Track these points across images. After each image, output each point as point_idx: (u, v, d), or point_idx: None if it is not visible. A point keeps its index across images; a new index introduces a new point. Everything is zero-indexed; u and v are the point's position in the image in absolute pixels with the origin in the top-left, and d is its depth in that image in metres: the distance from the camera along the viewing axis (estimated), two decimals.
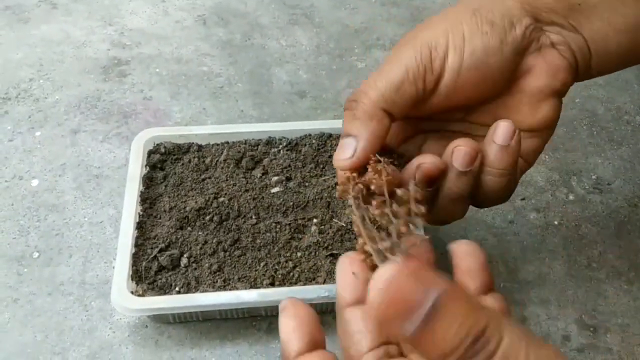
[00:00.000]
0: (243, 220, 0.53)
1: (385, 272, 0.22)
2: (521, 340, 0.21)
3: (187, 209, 0.53)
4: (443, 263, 0.30)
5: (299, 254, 0.51)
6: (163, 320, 0.50)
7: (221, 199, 0.55)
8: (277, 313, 0.50)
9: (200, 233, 0.52)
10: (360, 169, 0.35)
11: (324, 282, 0.49)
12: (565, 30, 0.37)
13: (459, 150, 0.35)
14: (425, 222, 0.30)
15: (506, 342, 0.21)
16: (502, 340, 0.20)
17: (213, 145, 0.60)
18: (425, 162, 0.35)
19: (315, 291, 0.47)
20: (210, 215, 0.53)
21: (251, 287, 0.49)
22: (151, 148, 0.59)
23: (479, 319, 0.21)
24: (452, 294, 0.21)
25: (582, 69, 0.38)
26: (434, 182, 0.36)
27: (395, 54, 0.36)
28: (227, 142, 0.60)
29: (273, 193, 0.56)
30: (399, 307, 0.21)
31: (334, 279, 0.32)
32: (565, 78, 0.37)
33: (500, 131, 0.35)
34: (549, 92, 0.37)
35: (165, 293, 0.49)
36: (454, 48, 0.35)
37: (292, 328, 0.27)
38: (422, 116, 0.38)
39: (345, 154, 0.35)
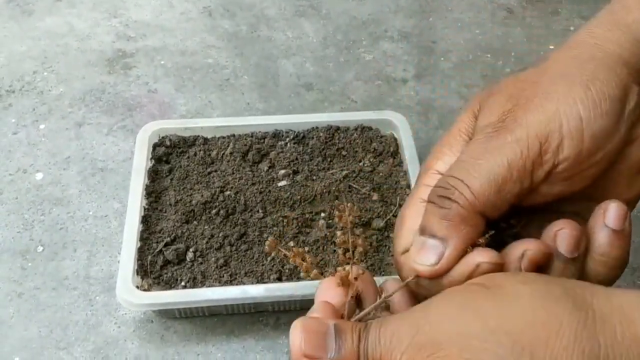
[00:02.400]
0: (250, 214, 0.53)
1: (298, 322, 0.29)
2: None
3: (193, 202, 0.53)
4: None
5: (306, 249, 0.50)
6: (169, 315, 0.50)
7: (227, 193, 0.54)
8: (284, 308, 0.50)
9: (206, 227, 0.52)
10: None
11: None
12: None
13: (563, 234, 0.30)
14: None
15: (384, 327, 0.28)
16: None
17: (219, 138, 0.59)
18: (530, 248, 0.30)
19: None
20: (216, 209, 0.53)
21: (258, 282, 0.48)
22: (156, 141, 0.58)
23: (360, 324, 0.28)
24: (341, 322, 0.29)
25: None
26: (540, 269, 0.32)
27: (493, 140, 0.31)
28: (233, 135, 0.59)
29: (280, 186, 0.55)
30: (318, 340, 0.28)
31: None
32: None
33: (613, 213, 0.30)
34: None
35: (171, 288, 0.48)
36: (571, 136, 0.30)
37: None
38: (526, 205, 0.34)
39: (429, 259, 0.30)
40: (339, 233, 0.32)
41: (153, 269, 0.49)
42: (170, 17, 0.79)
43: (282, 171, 0.56)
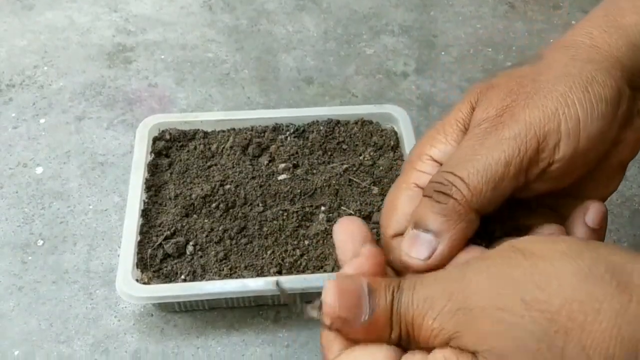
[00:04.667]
0: (249, 207, 0.53)
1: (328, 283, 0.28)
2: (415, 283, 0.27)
3: (193, 196, 0.53)
4: None
5: (306, 242, 0.50)
6: (169, 308, 0.50)
7: (227, 186, 0.54)
8: (284, 302, 0.50)
9: (206, 221, 0.51)
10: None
11: (332, 271, 0.48)
12: None
13: None
14: None
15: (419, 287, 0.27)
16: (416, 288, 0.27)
17: (219, 132, 0.59)
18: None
19: (323, 280, 0.46)
20: (216, 202, 0.53)
21: (258, 276, 0.48)
22: (156, 135, 0.58)
23: (393, 282, 0.28)
24: (373, 280, 0.28)
25: None
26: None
27: (491, 135, 0.30)
28: (234, 129, 0.59)
29: (280, 180, 0.55)
30: (352, 300, 0.27)
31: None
32: None
33: (594, 214, 0.32)
34: (627, 163, 0.34)
35: (170, 281, 0.48)
36: (568, 136, 0.30)
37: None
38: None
39: (421, 254, 0.30)
40: None
41: (153, 262, 0.49)
42: (171, 11, 0.79)
43: (282, 165, 0.56)
